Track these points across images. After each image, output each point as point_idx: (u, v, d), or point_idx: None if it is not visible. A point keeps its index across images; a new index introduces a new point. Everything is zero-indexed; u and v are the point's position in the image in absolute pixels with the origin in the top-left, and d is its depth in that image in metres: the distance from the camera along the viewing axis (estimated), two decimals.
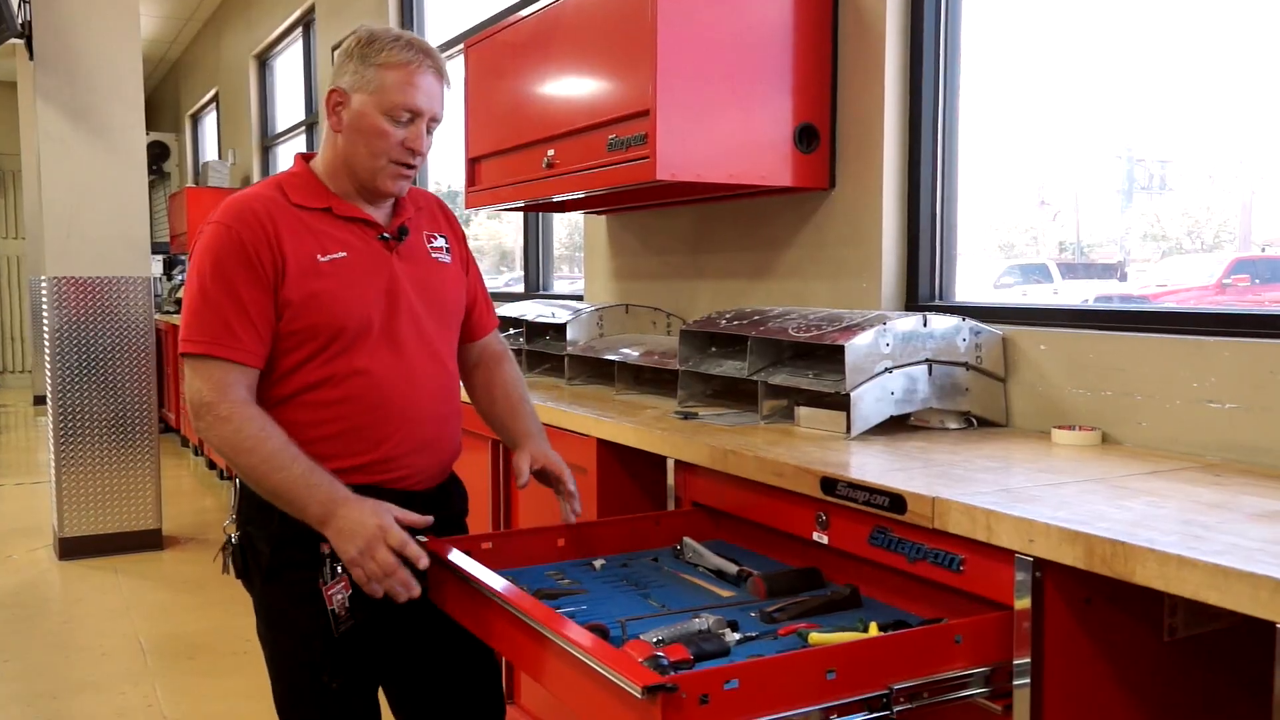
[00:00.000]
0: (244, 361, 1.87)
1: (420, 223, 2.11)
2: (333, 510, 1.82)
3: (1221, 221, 2.59)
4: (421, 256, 2.07)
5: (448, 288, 2.10)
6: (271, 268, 1.88)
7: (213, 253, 1.88)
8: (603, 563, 2.10)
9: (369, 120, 1.93)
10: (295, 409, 1.93)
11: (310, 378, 1.93)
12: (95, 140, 5.65)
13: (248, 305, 1.86)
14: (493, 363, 2.25)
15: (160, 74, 13.81)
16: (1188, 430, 2.14)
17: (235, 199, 1.95)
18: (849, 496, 1.84)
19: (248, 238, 1.88)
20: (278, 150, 9.44)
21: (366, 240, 1.99)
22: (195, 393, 1.87)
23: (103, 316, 5.70)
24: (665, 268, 3.73)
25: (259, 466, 1.84)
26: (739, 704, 1.35)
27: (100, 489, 5.75)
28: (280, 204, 1.94)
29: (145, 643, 4.33)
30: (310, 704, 2.01)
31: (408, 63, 1.92)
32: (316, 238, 1.94)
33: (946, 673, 1.54)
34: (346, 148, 1.97)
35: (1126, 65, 2.61)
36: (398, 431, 1.98)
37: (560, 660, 1.52)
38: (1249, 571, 1.26)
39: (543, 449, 2.15)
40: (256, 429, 1.84)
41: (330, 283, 1.92)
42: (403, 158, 1.95)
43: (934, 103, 2.82)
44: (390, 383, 1.97)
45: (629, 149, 2.82)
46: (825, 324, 2.45)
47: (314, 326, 1.91)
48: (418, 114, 1.94)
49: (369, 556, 1.80)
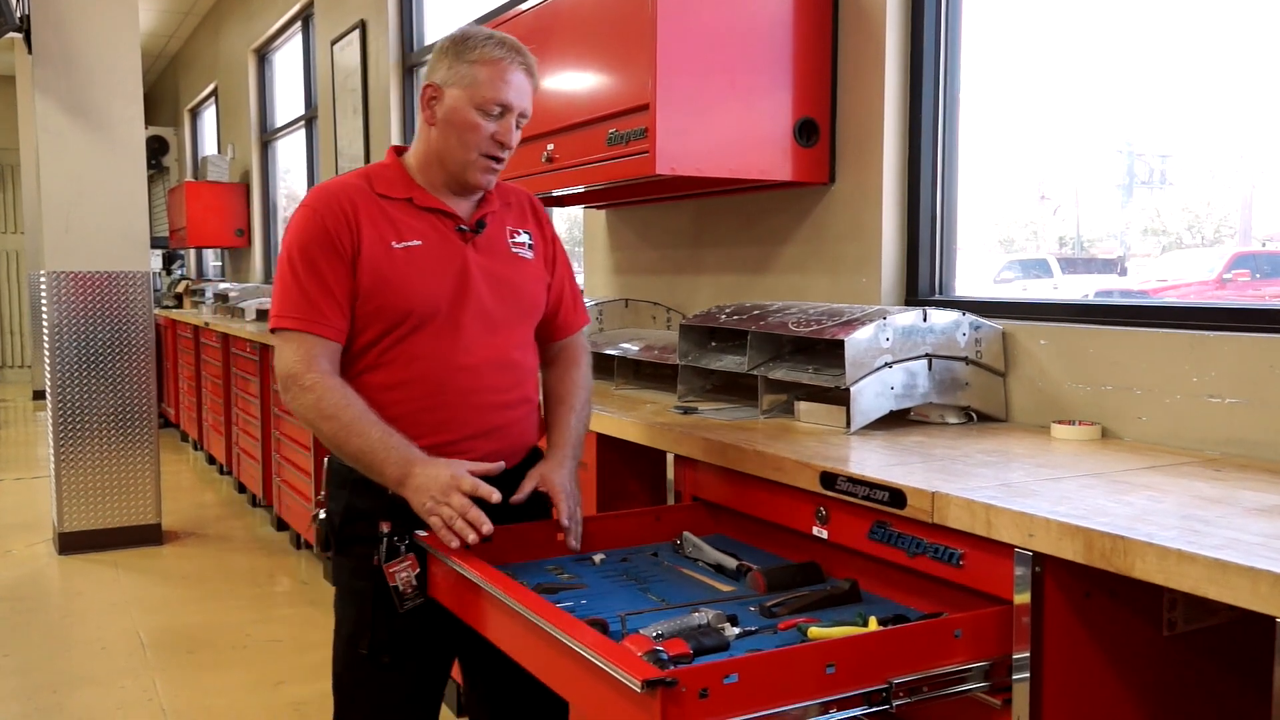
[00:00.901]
0: (327, 335, 1.99)
1: (505, 218, 2.17)
2: (409, 470, 1.91)
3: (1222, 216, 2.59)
4: (500, 250, 2.13)
5: (524, 282, 2.15)
6: (350, 248, 1.99)
7: (299, 235, 2.01)
8: (602, 557, 2.10)
9: (461, 114, 2.02)
10: (362, 390, 2.00)
11: (376, 359, 2.03)
12: (94, 135, 5.64)
13: (330, 283, 1.98)
14: (565, 365, 2.27)
15: (159, 68, 13.80)
16: (1188, 425, 2.14)
17: (323, 185, 2.08)
18: (849, 491, 1.84)
19: (329, 221, 2.00)
20: (277, 145, 9.44)
21: (443, 231, 2.07)
22: (283, 365, 2.00)
23: (102, 311, 5.69)
24: (665, 262, 3.73)
25: (340, 432, 1.94)
26: (738, 698, 1.35)
27: (100, 484, 5.75)
28: (364, 192, 2.05)
29: (145, 637, 4.34)
30: (361, 679, 2.07)
31: (499, 59, 2.01)
32: (394, 225, 2.03)
33: (946, 667, 1.54)
34: (439, 141, 2.06)
35: (1127, 59, 2.60)
36: (457, 417, 2.04)
37: (560, 655, 1.52)
38: (1249, 566, 1.26)
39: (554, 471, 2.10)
40: (338, 397, 1.95)
41: (400, 268, 2.01)
42: (492, 150, 2.03)
43: (934, 97, 2.82)
44: (452, 369, 2.03)
45: (629, 143, 2.82)
46: (825, 319, 2.45)
47: (381, 309, 2.00)
48: (507, 108, 2.02)
49: (443, 502, 1.87)
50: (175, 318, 9.18)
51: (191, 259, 12.69)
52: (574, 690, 1.51)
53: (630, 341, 3.21)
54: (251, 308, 7.40)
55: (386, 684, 2.05)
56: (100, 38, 5.63)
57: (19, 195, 13.15)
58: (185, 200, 9.90)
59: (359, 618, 2.04)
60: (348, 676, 2.09)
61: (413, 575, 1.97)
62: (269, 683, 3.83)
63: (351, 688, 2.09)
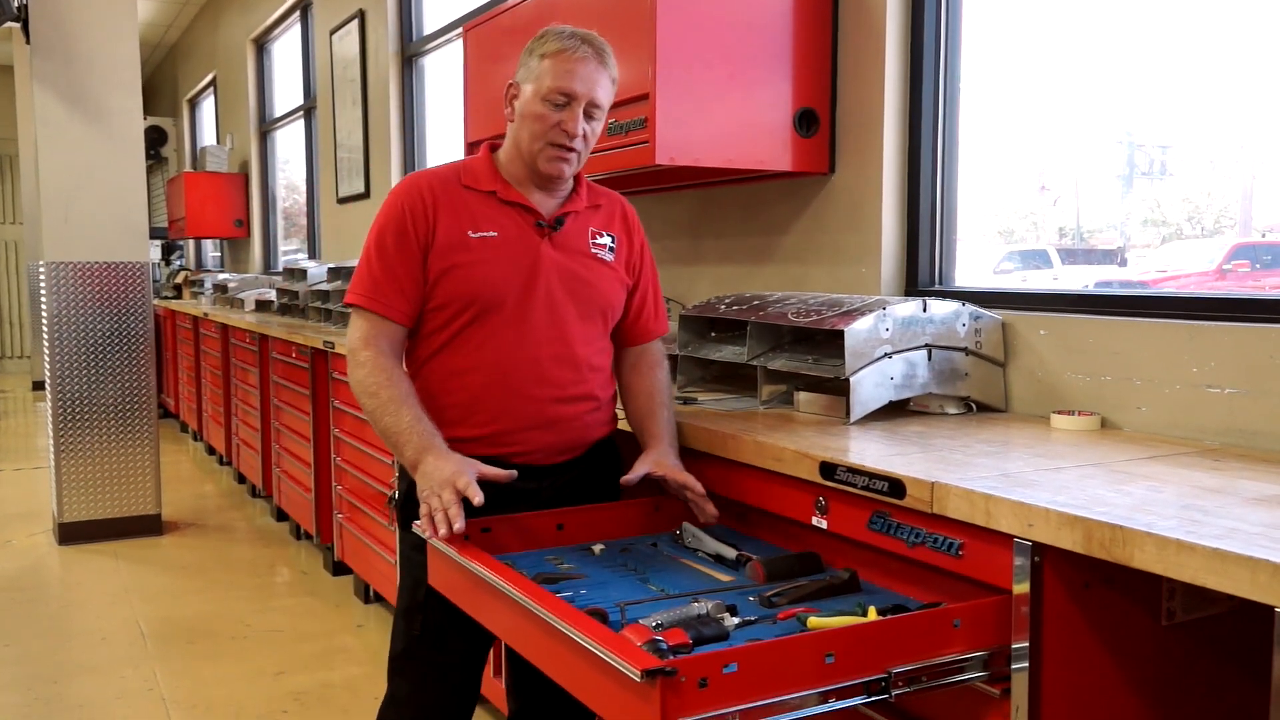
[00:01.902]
0: (389, 316, 2.09)
1: (590, 219, 2.21)
2: (423, 456, 1.98)
3: (1222, 207, 2.59)
4: (577, 248, 2.17)
5: (598, 282, 2.18)
6: (425, 237, 2.08)
7: (382, 219, 2.12)
8: (602, 547, 2.10)
9: (530, 106, 2.08)
10: (429, 374, 2.13)
11: (441, 344, 2.12)
12: (92, 125, 5.63)
13: (398, 268, 2.08)
14: (646, 368, 2.32)
15: (157, 58, 13.77)
16: (1187, 415, 2.14)
17: (413, 175, 2.17)
18: (848, 481, 1.84)
19: (409, 208, 2.10)
20: (276, 135, 9.42)
21: (521, 225, 2.13)
22: (350, 338, 2.12)
23: (101, 302, 5.69)
24: (665, 253, 3.72)
25: (376, 409, 2.04)
26: (738, 687, 1.36)
27: (100, 474, 5.75)
28: (451, 182, 2.14)
29: (145, 627, 4.34)
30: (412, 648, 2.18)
31: (563, 49, 2.06)
32: (473, 216, 2.11)
33: (945, 657, 1.54)
34: (516, 134, 2.13)
35: (1127, 49, 2.60)
36: (514, 407, 2.11)
37: (559, 644, 1.52)
38: (1248, 555, 1.26)
39: (667, 456, 2.18)
40: (384, 376, 2.05)
41: (474, 256, 2.08)
42: (558, 139, 2.06)
43: (934, 87, 2.81)
44: (514, 360, 2.10)
45: (628, 133, 2.82)
46: (825, 309, 2.44)
47: (450, 294, 2.09)
48: (572, 96, 2.05)
49: (434, 494, 1.93)
50: (174, 308, 9.18)
51: (190, 249, 12.68)
52: (574, 680, 1.51)
53: None
54: (250, 298, 7.40)
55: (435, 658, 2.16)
56: (98, 27, 5.62)
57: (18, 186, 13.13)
58: (184, 191, 9.89)
59: (415, 591, 2.14)
60: (401, 645, 2.19)
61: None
62: (269, 673, 3.83)
63: (403, 657, 2.19)
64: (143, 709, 3.55)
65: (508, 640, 1.75)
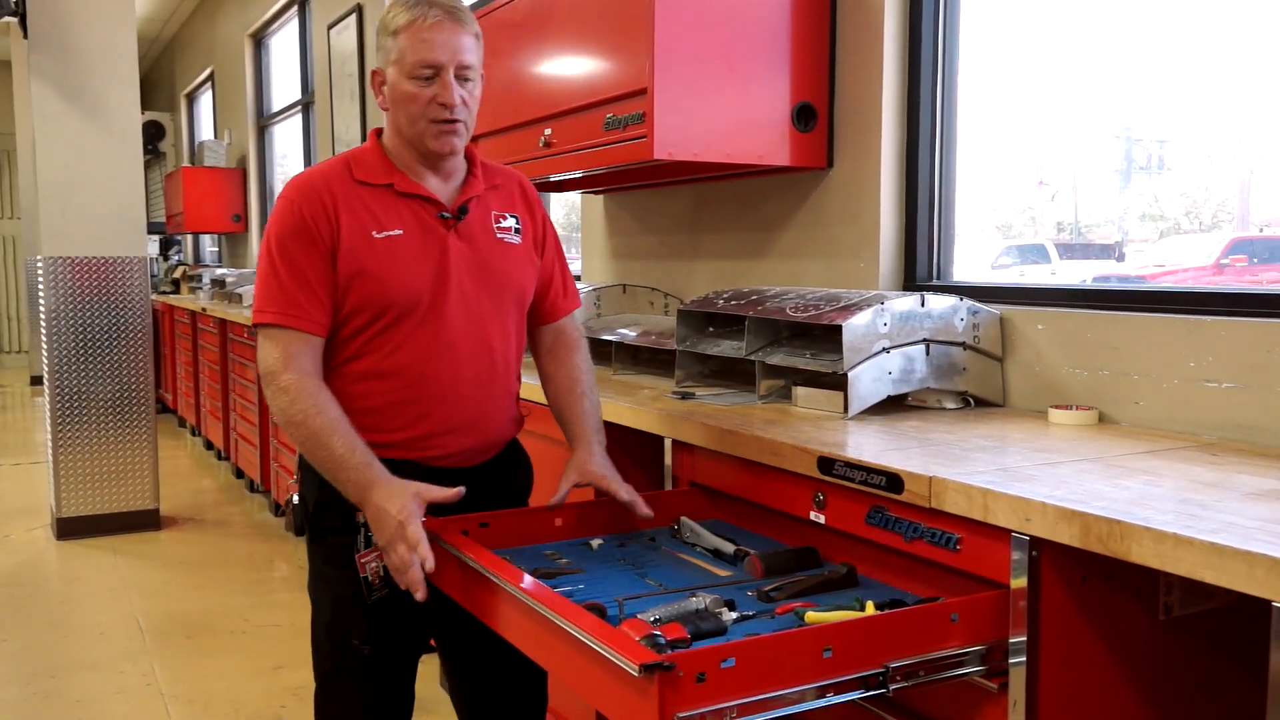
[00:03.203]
0: (309, 330, 1.95)
1: (491, 202, 2.11)
2: (365, 495, 1.87)
3: (1219, 202, 2.59)
4: (483, 237, 2.07)
5: (509, 269, 2.10)
6: (330, 239, 1.95)
7: (278, 227, 1.97)
8: (600, 542, 2.10)
9: (399, 88, 1.97)
10: (341, 380, 1.99)
11: (357, 350, 1.99)
12: (90, 119, 5.62)
13: (310, 276, 1.94)
14: (564, 351, 2.24)
15: (155, 53, 13.74)
16: (1185, 409, 2.14)
17: (302, 175, 2.03)
18: (846, 476, 1.84)
19: (308, 212, 1.95)
20: (274, 130, 9.41)
21: (424, 218, 2.02)
22: (263, 361, 1.96)
23: (99, 297, 5.68)
24: (663, 247, 3.72)
25: (306, 441, 1.92)
26: (736, 682, 1.36)
27: (98, 469, 5.75)
28: (344, 179, 2.00)
29: (143, 622, 4.34)
30: (340, 665, 2.06)
31: (413, 20, 1.93)
32: (373, 214, 1.98)
33: (942, 651, 1.54)
34: (394, 120, 2.02)
35: (1125, 45, 2.60)
36: (435, 411, 2.01)
37: (557, 639, 1.52)
38: (1245, 550, 1.26)
39: (589, 461, 2.11)
40: (309, 403, 1.90)
41: (380, 259, 1.96)
42: (438, 115, 1.95)
43: (932, 82, 2.81)
44: (431, 362, 2.00)
45: (626, 128, 2.81)
46: (823, 304, 2.44)
47: (361, 301, 1.96)
48: (438, 66, 1.94)
49: (391, 550, 1.85)
50: (172, 303, 9.17)
51: (188, 244, 12.66)
52: (571, 674, 1.51)
53: (628, 327, 3.21)
54: (249, 293, 7.38)
55: (368, 673, 2.05)
56: (96, 22, 5.61)
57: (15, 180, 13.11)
58: (182, 185, 9.88)
59: (337, 606, 2.03)
60: (327, 662, 2.08)
61: (380, 566, 1.94)
62: (267, 667, 3.84)
63: (334, 675, 2.08)
64: (141, 704, 3.55)
65: (505, 635, 1.75)
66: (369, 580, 1.96)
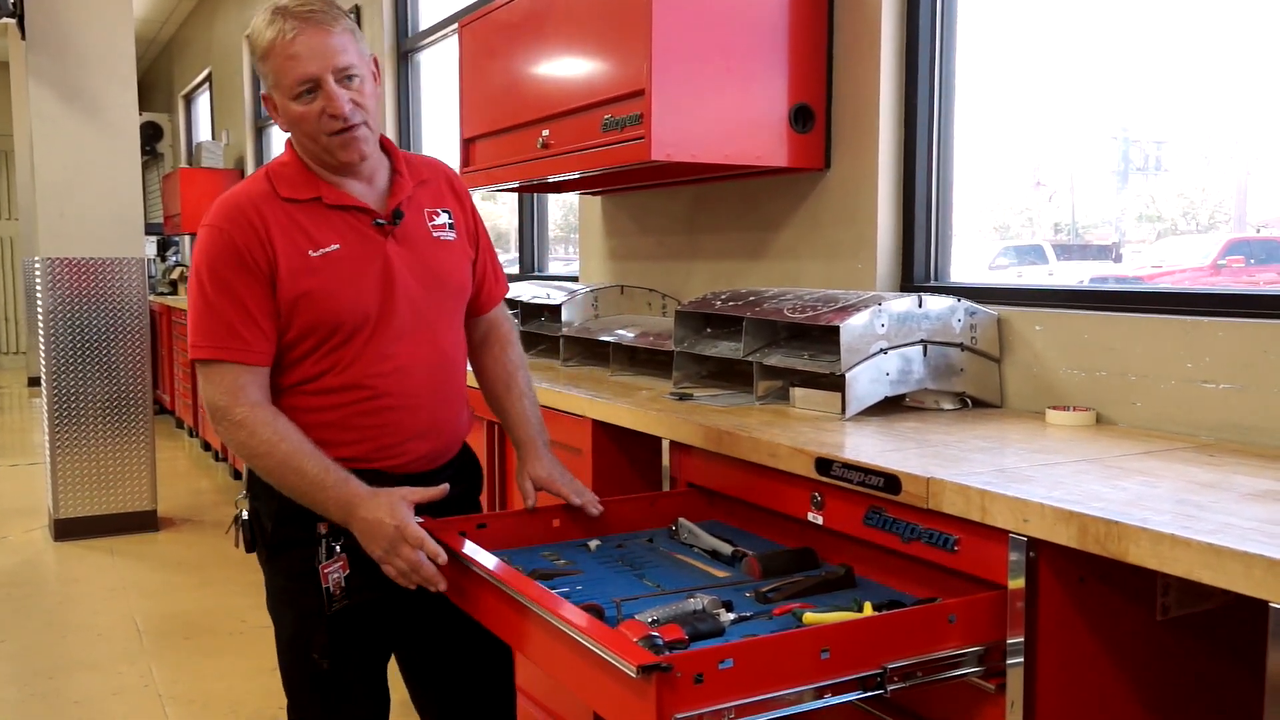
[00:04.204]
0: (252, 362, 1.88)
1: (421, 199, 2.06)
2: (351, 512, 1.85)
3: (1217, 202, 2.59)
4: (420, 238, 2.02)
5: (449, 268, 2.06)
6: (266, 265, 1.87)
7: (209, 257, 1.88)
8: (598, 543, 2.10)
9: (288, 110, 1.88)
10: (295, 397, 1.94)
11: (309, 371, 1.94)
12: (88, 120, 5.62)
13: (249, 305, 1.86)
14: (498, 346, 2.23)
15: (153, 54, 13.74)
16: (1182, 410, 2.14)
17: (226, 198, 1.93)
18: (844, 477, 1.84)
19: (240, 239, 1.87)
20: (271, 131, 9.40)
21: (359, 229, 1.95)
22: (210, 398, 1.89)
23: (97, 297, 5.68)
24: (660, 248, 3.72)
25: (275, 470, 1.87)
26: (734, 683, 1.36)
27: (95, 470, 5.74)
28: (270, 198, 1.91)
29: (141, 623, 4.34)
30: (308, 679, 2.03)
31: (274, 40, 1.84)
32: (306, 233, 1.91)
33: (940, 652, 1.54)
34: (299, 141, 1.95)
35: (1123, 45, 2.60)
36: (394, 420, 1.98)
37: (555, 640, 1.52)
38: (1242, 550, 1.26)
39: (540, 465, 2.12)
40: (269, 433, 1.85)
41: (323, 279, 1.90)
42: (332, 127, 1.87)
43: (930, 82, 2.81)
44: (386, 373, 1.96)
45: (624, 129, 2.82)
46: (820, 305, 2.45)
47: (309, 324, 1.90)
48: (314, 79, 1.84)
49: (394, 555, 1.82)
50: (170, 304, 9.16)
51: (186, 245, 12.65)
52: (569, 676, 1.51)
53: (626, 328, 3.21)
54: None
55: (334, 687, 2.03)
56: (94, 23, 5.61)
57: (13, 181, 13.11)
58: (180, 186, 9.87)
59: (301, 621, 2.00)
60: (296, 677, 2.06)
61: (342, 577, 1.93)
62: (265, 668, 3.83)
63: (300, 688, 2.06)
64: (139, 705, 3.55)
65: (503, 637, 1.75)
66: (330, 591, 1.93)
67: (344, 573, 1.92)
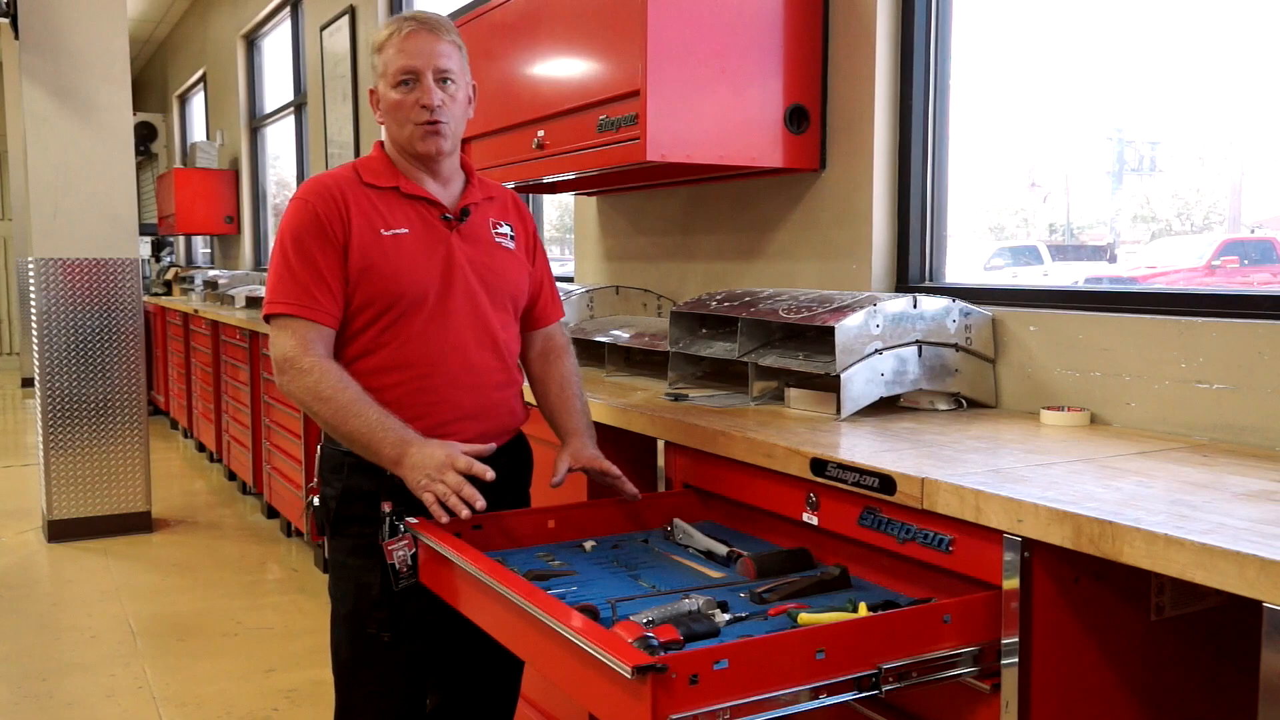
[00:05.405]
0: (322, 321, 2.05)
1: (489, 210, 2.24)
2: (405, 450, 1.96)
3: (1211, 203, 2.60)
4: (483, 239, 2.19)
5: (507, 270, 2.21)
6: (342, 235, 2.06)
7: (293, 225, 2.08)
8: (593, 544, 2.10)
9: (387, 98, 2.11)
10: (355, 374, 2.06)
11: (368, 344, 2.09)
12: (82, 120, 5.61)
13: (324, 270, 2.04)
14: (553, 355, 2.35)
15: (147, 54, 13.71)
16: (1176, 411, 2.15)
17: (315, 178, 2.14)
18: (839, 477, 1.84)
19: (321, 210, 2.06)
20: (266, 131, 9.39)
21: (428, 219, 2.14)
22: (279, 349, 2.05)
23: (91, 298, 5.67)
24: (656, 249, 3.72)
25: (337, 413, 1.99)
26: (729, 684, 1.36)
27: (89, 471, 5.73)
28: (353, 182, 2.12)
29: (135, 624, 4.33)
30: (358, 654, 2.13)
31: (390, 34, 2.10)
32: (381, 214, 2.10)
33: (935, 652, 1.55)
34: (388, 131, 2.15)
35: (1117, 46, 2.60)
36: (446, 400, 2.10)
37: (550, 641, 1.52)
38: (1236, 551, 1.26)
39: (584, 449, 2.21)
40: (335, 379, 2.00)
41: (390, 256, 2.07)
42: (419, 116, 2.08)
43: (925, 84, 2.82)
44: (441, 353, 2.10)
45: (619, 129, 2.82)
46: (815, 305, 2.45)
47: (371, 295, 2.06)
48: (416, 72, 2.07)
49: (437, 479, 1.91)
50: (164, 305, 9.15)
51: (180, 246, 12.64)
52: (564, 676, 1.51)
53: (621, 328, 3.21)
54: (241, 295, 7.37)
55: (387, 661, 2.11)
56: (88, 23, 5.59)
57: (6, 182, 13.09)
58: (174, 187, 9.85)
59: (359, 596, 2.10)
60: (348, 654, 2.15)
61: (409, 554, 2.01)
62: (260, 670, 3.83)
63: (353, 665, 2.14)
64: (133, 707, 3.54)
65: (499, 639, 1.75)
66: (395, 567, 2.02)
67: (410, 550, 2.00)
